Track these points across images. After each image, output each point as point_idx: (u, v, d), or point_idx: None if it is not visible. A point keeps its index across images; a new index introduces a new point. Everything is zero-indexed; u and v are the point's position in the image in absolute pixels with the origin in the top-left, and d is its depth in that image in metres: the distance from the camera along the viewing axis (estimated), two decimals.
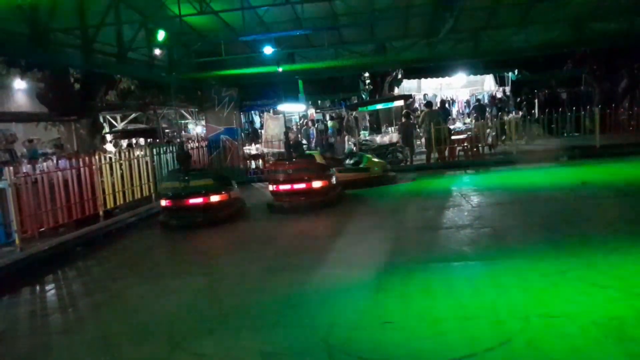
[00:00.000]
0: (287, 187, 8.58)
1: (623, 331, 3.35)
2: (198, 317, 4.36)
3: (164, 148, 11.89)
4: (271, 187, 8.92)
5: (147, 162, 10.57)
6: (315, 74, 16.78)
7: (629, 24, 12.95)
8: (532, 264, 4.84)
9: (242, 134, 16.32)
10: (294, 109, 19.44)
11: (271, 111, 18.18)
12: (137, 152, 10.64)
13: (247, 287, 5.06)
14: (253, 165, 14.83)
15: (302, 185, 8.48)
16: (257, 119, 21.50)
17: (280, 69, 13.21)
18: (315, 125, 20.20)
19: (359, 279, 4.92)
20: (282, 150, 15.28)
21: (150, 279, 5.74)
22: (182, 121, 22.21)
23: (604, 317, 3.56)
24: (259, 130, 18.98)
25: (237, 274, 5.52)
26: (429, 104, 15.24)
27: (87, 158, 8.81)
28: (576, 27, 13.22)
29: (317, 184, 8.52)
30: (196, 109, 18.93)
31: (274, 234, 7.49)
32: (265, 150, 15.42)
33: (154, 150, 11.21)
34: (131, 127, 19.74)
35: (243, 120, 19.70)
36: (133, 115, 19.77)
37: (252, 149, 15.95)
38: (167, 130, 20.41)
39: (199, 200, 8.03)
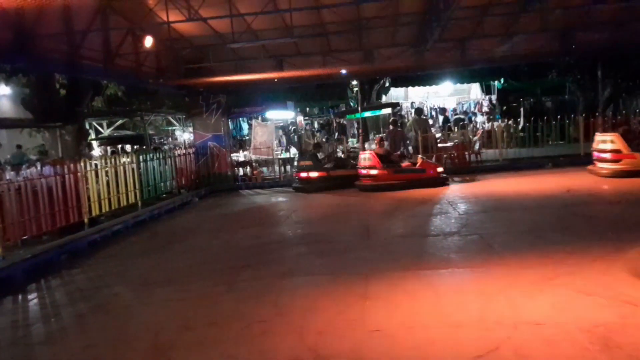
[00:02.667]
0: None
1: (609, 338, 3.37)
2: (185, 326, 4.30)
3: (151, 155, 11.79)
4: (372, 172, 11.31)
5: (133, 169, 10.47)
6: (304, 82, 16.81)
7: (611, 35, 13.19)
8: (519, 271, 4.87)
9: (230, 140, 16.27)
10: (283, 116, 19.44)
11: (259, 118, 18.15)
12: (124, 159, 10.53)
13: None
14: (241, 172, 14.78)
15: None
16: (245, 126, 21.46)
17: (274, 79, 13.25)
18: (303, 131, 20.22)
19: (346, 286, 4.90)
20: (270, 157, 15.28)
21: (136, 288, 5.66)
22: (170, 128, 22.09)
23: (590, 324, 3.58)
24: (247, 138, 18.93)
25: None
26: (418, 111, 15.34)
27: (71, 165, 8.69)
28: (561, 37, 13.42)
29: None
30: (184, 116, 18.83)
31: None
32: (254, 157, 15.38)
33: (141, 157, 11.11)
34: (117, 133, 19.57)
35: (231, 127, 19.65)
36: (120, 122, 19.61)
37: (240, 155, 15.90)
38: (154, 137, 20.28)
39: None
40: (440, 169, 11.59)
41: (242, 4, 11.32)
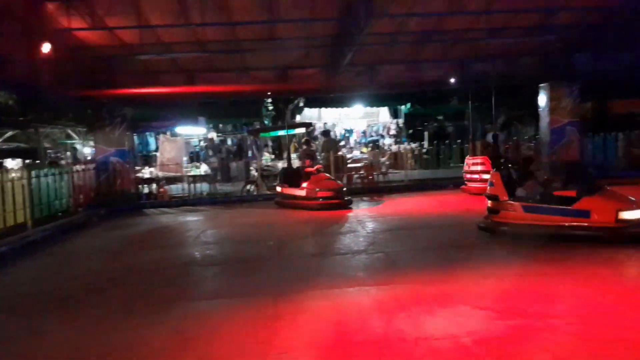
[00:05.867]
0: None
1: (502, 350, 3.58)
2: (76, 358, 3.93)
3: (45, 170, 10.86)
4: None
5: (23, 186, 9.55)
6: (216, 98, 16.52)
7: (504, 66, 14.47)
8: (421, 288, 5.07)
9: (135, 156, 15.51)
10: (194, 131, 18.94)
11: (168, 133, 17.49)
12: (12, 174, 9.59)
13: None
14: (146, 190, 14.05)
15: None
16: (152, 141, 20.56)
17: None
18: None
19: (255, 308, 4.78)
20: (179, 174, 14.73)
21: (24, 317, 5.09)
22: (69, 141, 20.57)
23: (483, 337, 3.78)
24: (155, 153, 18.14)
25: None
26: (325, 133, 15.74)
27: None
28: (460, 67, 14.49)
29: None
30: (84, 129, 17.64)
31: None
32: (161, 174, 14.73)
33: (33, 172, 10.18)
34: (7, 146, 17.84)
35: (137, 142, 18.75)
36: (10, 133, 17.91)
37: (145, 172, 15.14)
38: (49, 151, 18.75)
39: None
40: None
41: (153, 15, 10.94)
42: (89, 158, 16.68)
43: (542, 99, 14.28)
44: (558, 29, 12.36)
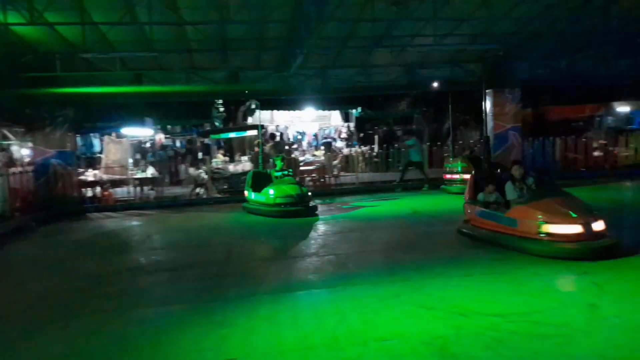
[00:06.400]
0: None
1: (446, 348, 3.68)
2: None
3: None
4: None
5: None
6: (165, 98, 16.12)
7: (450, 72, 14.96)
8: (370, 290, 5.14)
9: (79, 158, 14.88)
10: (140, 132, 18.41)
11: (113, 134, 16.88)
12: None
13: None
14: (90, 193, 13.48)
15: None
16: (97, 143, 19.77)
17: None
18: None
19: (203, 315, 4.69)
20: (124, 176, 14.25)
21: None
22: (4, 142, 19.41)
23: (430, 336, 3.89)
24: (99, 155, 17.45)
25: None
26: (273, 136, 15.74)
27: None
28: (409, 72, 14.84)
29: None
30: (22, 129, 16.72)
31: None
32: (105, 177, 14.18)
33: None
34: None
35: (81, 143, 17.98)
36: None
37: (89, 175, 14.53)
38: None
39: None
40: None
41: (96, 11, 10.53)
42: (27, 160, 15.82)
43: (487, 105, 14.85)
44: (500, 37, 12.90)
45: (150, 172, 15.09)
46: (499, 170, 8.56)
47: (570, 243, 5.75)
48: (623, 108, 21.97)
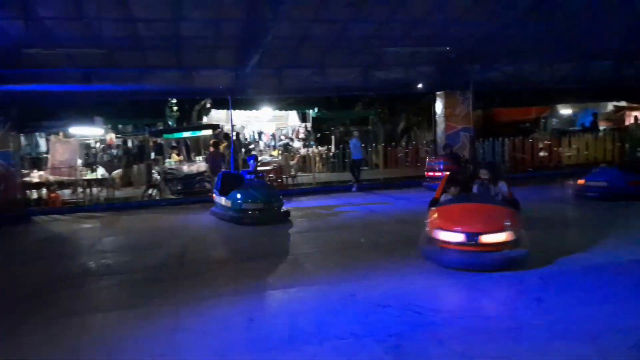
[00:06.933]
0: None
1: (401, 346, 3.74)
2: None
3: None
4: None
5: None
6: (116, 97, 15.61)
7: (404, 74, 15.24)
8: (326, 289, 5.17)
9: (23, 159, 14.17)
10: (90, 132, 17.75)
11: (61, 134, 16.17)
12: None
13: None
14: (35, 195, 12.87)
15: None
16: (43, 142, 18.89)
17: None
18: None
19: (155, 319, 4.57)
20: (73, 178, 13.70)
21: None
22: None
23: (384, 334, 3.94)
24: (45, 156, 16.69)
25: None
26: (227, 136, 15.59)
27: None
28: (364, 74, 15.02)
29: None
30: None
31: None
32: (51, 178, 13.57)
33: None
34: None
35: (25, 143, 17.14)
36: None
37: (34, 176, 13.86)
38: None
39: None
40: None
41: (40, 5, 10.06)
42: None
43: (438, 106, 15.23)
44: (452, 40, 13.26)
45: (100, 173, 14.57)
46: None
47: (454, 252, 5.53)
48: (566, 110, 23.10)
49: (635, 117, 17.70)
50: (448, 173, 8.04)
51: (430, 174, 13.19)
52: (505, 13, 11.55)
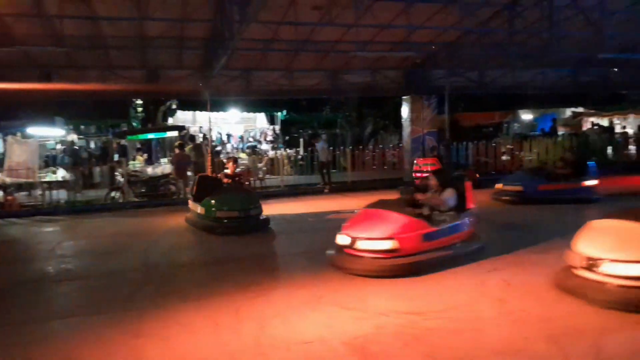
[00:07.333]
0: None
1: (366, 348, 3.77)
2: None
3: None
4: None
5: None
6: (78, 97, 15.19)
7: (371, 78, 15.42)
8: (293, 292, 5.15)
9: None
10: (50, 133, 17.20)
11: (18, 134, 15.59)
12: None
13: None
14: None
15: None
16: None
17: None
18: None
19: (116, 326, 4.45)
20: (31, 180, 13.22)
21: None
22: None
23: (350, 336, 3.96)
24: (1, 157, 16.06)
25: None
26: (192, 138, 15.43)
27: None
28: (331, 77, 15.11)
29: None
30: None
31: None
32: (8, 180, 13.04)
33: None
34: None
35: None
36: None
37: None
38: None
39: None
40: None
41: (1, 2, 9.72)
42: None
43: (405, 111, 15.46)
44: (418, 45, 13.49)
45: (61, 175, 14.10)
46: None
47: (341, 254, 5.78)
48: (528, 115, 23.86)
49: (592, 123, 18.43)
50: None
51: (418, 174, 13.40)
52: (468, 20, 11.83)
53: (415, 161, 14.09)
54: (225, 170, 9.87)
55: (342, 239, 5.76)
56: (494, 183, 11.26)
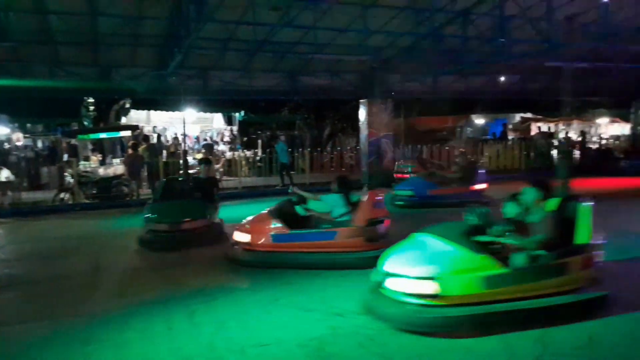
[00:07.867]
0: None
1: (322, 349, 3.79)
2: None
3: None
4: None
5: None
6: (24, 93, 14.53)
7: (329, 81, 15.53)
8: (250, 295, 5.12)
9: None
10: None
11: None
12: None
13: None
14: None
15: None
16: None
17: None
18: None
19: (65, 332, 4.28)
20: None
21: None
22: None
23: (306, 338, 3.97)
24: None
25: None
26: (146, 138, 15.08)
27: None
28: (290, 79, 15.12)
29: None
30: None
31: None
32: None
33: None
34: None
35: None
36: None
37: None
38: None
39: None
40: None
41: None
42: None
43: (362, 114, 15.65)
44: (374, 49, 13.70)
45: (5, 175, 13.41)
46: None
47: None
48: (480, 120, 24.67)
49: (539, 128, 19.26)
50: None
51: (400, 176, 13.51)
52: (423, 26, 12.14)
53: (397, 163, 14.32)
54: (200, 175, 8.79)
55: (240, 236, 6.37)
56: None
